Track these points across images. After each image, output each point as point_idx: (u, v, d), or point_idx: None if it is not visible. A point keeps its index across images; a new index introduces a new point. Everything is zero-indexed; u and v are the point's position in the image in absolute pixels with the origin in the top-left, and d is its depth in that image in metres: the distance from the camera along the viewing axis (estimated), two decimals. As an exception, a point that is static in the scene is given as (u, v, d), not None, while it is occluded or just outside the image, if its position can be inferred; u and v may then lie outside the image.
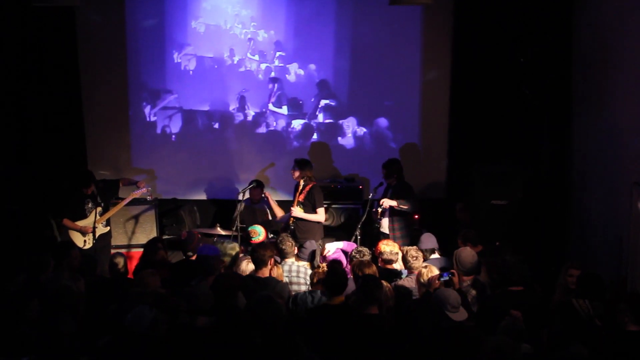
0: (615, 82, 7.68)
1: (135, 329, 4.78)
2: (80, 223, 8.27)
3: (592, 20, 8.39)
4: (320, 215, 8.28)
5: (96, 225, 8.31)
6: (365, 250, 6.74)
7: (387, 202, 8.14)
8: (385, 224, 8.37)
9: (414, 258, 6.49)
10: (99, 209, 8.40)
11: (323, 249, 7.16)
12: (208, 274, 6.09)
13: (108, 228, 8.60)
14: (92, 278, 6.44)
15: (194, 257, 6.89)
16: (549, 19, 8.94)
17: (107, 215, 8.49)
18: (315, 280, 6.15)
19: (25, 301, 5.21)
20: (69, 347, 4.85)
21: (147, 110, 9.98)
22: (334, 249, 7.04)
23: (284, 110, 9.93)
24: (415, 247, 6.78)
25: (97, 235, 8.39)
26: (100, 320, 5.35)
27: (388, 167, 8.39)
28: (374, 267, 6.20)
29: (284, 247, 6.85)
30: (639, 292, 6.48)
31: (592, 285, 5.64)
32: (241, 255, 7.42)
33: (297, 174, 8.28)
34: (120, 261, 6.80)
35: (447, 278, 5.79)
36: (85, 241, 8.30)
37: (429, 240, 7.11)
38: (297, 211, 8.18)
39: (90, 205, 8.37)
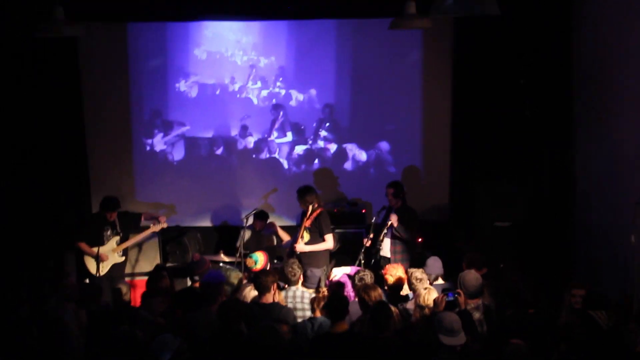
0: (616, 102, 7.70)
1: (159, 356, 4.76)
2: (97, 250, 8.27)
3: (591, 40, 8.43)
4: (328, 243, 8.14)
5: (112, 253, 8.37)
6: (368, 272, 6.72)
7: (393, 218, 8.11)
8: (386, 247, 8.34)
9: (418, 280, 6.49)
10: (117, 237, 8.42)
11: (330, 274, 7.14)
12: (211, 302, 6.04)
13: (124, 258, 8.60)
14: (96, 306, 6.42)
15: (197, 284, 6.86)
16: (548, 40, 8.99)
17: (124, 245, 8.51)
18: (315, 305, 6.11)
19: (28, 331, 5.21)
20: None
21: (149, 137, 10.02)
22: (340, 274, 7.02)
23: (289, 136, 9.96)
24: (421, 269, 6.75)
25: (111, 264, 8.39)
26: (103, 348, 5.32)
27: (395, 186, 8.38)
28: (379, 290, 6.17)
29: (290, 274, 6.80)
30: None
31: (597, 305, 5.62)
32: (245, 282, 7.41)
33: (301, 203, 8.24)
34: (123, 289, 6.80)
35: (452, 298, 5.77)
36: (99, 269, 8.29)
37: (435, 265, 7.06)
38: (302, 247, 8.09)
39: (109, 232, 8.40)
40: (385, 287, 6.80)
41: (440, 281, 6.99)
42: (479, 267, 6.99)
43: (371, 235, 8.21)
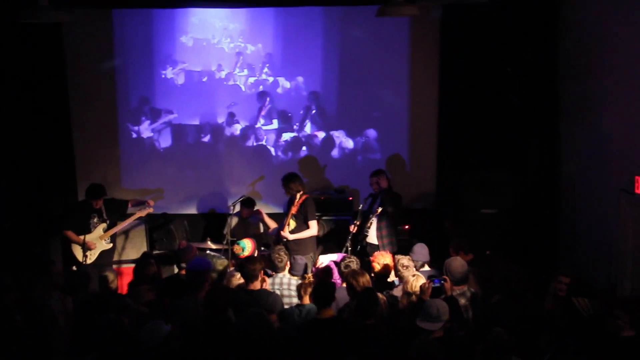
0: (601, 91, 7.74)
1: (149, 342, 4.76)
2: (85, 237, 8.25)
3: (577, 30, 8.46)
4: (312, 229, 8.27)
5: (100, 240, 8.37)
6: (354, 259, 6.74)
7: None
8: (372, 234, 8.37)
9: (405, 267, 6.52)
10: (104, 225, 8.41)
11: (316, 261, 7.16)
12: (197, 289, 6.04)
13: (111, 245, 8.60)
14: (83, 295, 6.39)
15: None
16: (535, 28, 9.02)
17: (111, 232, 8.50)
18: (302, 292, 6.13)
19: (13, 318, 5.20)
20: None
21: (136, 124, 9.97)
22: (327, 261, 7.04)
23: (275, 124, 9.94)
24: (408, 256, 6.78)
25: (99, 252, 8.38)
26: (89, 336, 5.31)
27: (379, 174, 8.42)
28: (367, 276, 6.20)
29: (277, 261, 6.82)
30: (633, 297, 6.52)
31: (582, 292, 5.67)
32: (232, 269, 7.41)
33: (286, 190, 8.28)
34: (110, 276, 6.78)
35: (438, 285, 5.81)
36: (86, 256, 8.28)
37: (421, 252, 7.10)
38: (289, 235, 8.15)
39: (95, 220, 8.40)
40: (372, 274, 6.83)
41: (426, 268, 7.02)
42: (466, 253, 7.04)
43: (358, 222, 8.23)
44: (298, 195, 8.22)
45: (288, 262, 6.90)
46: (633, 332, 5.12)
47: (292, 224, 8.21)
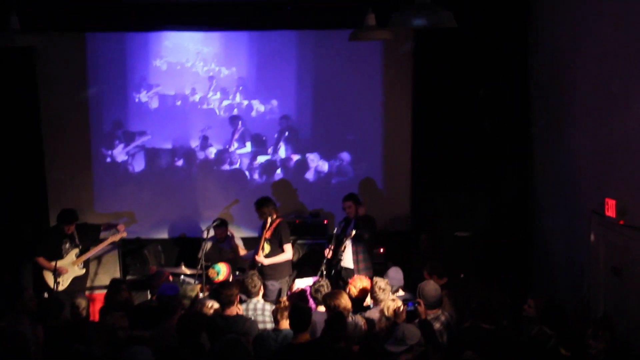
0: (571, 113, 7.83)
1: None
2: (57, 263, 8.13)
3: (547, 53, 8.58)
4: (287, 253, 8.24)
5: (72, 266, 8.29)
6: (325, 282, 6.72)
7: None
8: (347, 258, 8.36)
9: (382, 290, 6.51)
10: (77, 250, 8.31)
11: (292, 285, 7.13)
12: (170, 314, 5.98)
13: (84, 271, 8.50)
14: (55, 322, 6.27)
15: (154, 297, 6.80)
16: (506, 52, 9.13)
17: (83, 257, 8.41)
18: (278, 316, 6.10)
19: None
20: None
21: (109, 148, 9.91)
22: (303, 285, 7.00)
23: (248, 147, 9.94)
24: (385, 279, 6.76)
25: (72, 278, 8.27)
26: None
27: (352, 198, 8.43)
28: (346, 297, 6.19)
29: (251, 286, 6.77)
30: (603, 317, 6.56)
31: (554, 315, 5.70)
32: (206, 293, 7.35)
33: (259, 214, 8.25)
34: (82, 303, 6.68)
35: (412, 308, 5.81)
36: (58, 283, 8.15)
37: (395, 276, 7.10)
38: (263, 259, 8.10)
39: (67, 245, 8.30)
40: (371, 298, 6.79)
41: (400, 292, 7.02)
42: (440, 277, 7.04)
43: (332, 246, 8.22)
44: (270, 220, 8.19)
45: (262, 288, 6.86)
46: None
47: (267, 248, 8.17)
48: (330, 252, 8.20)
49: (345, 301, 6.10)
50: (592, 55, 7.23)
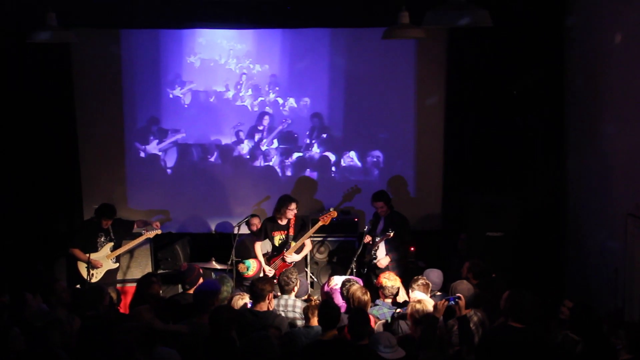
0: (606, 114, 7.74)
1: None
2: (92, 256, 8.25)
3: (582, 52, 8.48)
4: (308, 246, 8.33)
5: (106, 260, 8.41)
6: (354, 281, 6.70)
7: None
8: (381, 256, 8.34)
9: (421, 286, 6.45)
10: (111, 244, 8.43)
11: (329, 281, 7.11)
12: (204, 311, 5.99)
13: (117, 265, 8.61)
14: (94, 313, 6.30)
15: (191, 291, 6.83)
16: (541, 51, 9.04)
17: (117, 252, 8.51)
18: (310, 314, 6.10)
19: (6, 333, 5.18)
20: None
21: (143, 144, 10.02)
22: (340, 282, 6.98)
23: (280, 144, 9.96)
24: (425, 279, 6.69)
25: (105, 271, 8.40)
26: (91, 355, 5.29)
27: (383, 198, 8.41)
28: (368, 296, 6.18)
29: (285, 282, 6.74)
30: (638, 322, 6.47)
31: (584, 317, 5.62)
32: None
33: (287, 214, 8.11)
34: (113, 296, 6.76)
35: (453, 303, 5.79)
36: (92, 275, 8.27)
37: (436, 280, 6.94)
38: (295, 256, 8.10)
39: (102, 239, 8.41)
40: (380, 295, 6.75)
41: (437, 293, 6.96)
42: (475, 276, 6.94)
43: (367, 241, 8.23)
44: (293, 217, 8.15)
45: (296, 287, 6.85)
46: (630, 355, 5.09)
47: (293, 245, 8.17)
48: (370, 239, 8.25)
49: (366, 298, 6.10)
50: (628, 54, 7.13)
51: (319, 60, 9.78)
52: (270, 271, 8.04)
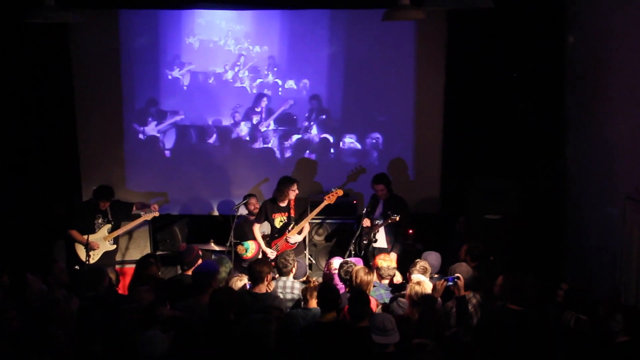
0: (607, 97, 7.71)
1: (147, 354, 4.74)
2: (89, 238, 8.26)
3: (584, 34, 8.44)
4: (307, 227, 8.34)
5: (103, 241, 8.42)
6: (352, 264, 6.70)
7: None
8: (382, 239, 8.36)
9: (422, 270, 6.46)
10: (109, 226, 8.42)
11: (330, 264, 7.12)
12: (202, 292, 6.01)
13: (115, 247, 8.62)
14: (94, 294, 6.32)
15: (189, 272, 6.84)
16: (541, 33, 8.99)
17: (115, 233, 8.52)
18: (308, 295, 6.11)
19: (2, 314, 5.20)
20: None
21: (141, 125, 9.99)
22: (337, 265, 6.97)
23: (279, 126, 9.94)
24: (425, 262, 6.70)
25: (102, 252, 8.41)
26: (90, 335, 5.31)
27: (384, 181, 8.40)
28: (371, 276, 6.19)
29: (282, 265, 6.77)
30: (635, 305, 6.49)
31: (579, 300, 5.65)
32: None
33: (286, 195, 8.16)
34: (111, 277, 6.76)
35: (452, 283, 5.80)
36: (90, 256, 8.28)
37: (435, 264, 6.92)
38: (296, 237, 8.12)
39: (100, 221, 8.42)
40: (377, 275, 6.76)
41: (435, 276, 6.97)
42: (474, 259, 6.95)
43: (365, 224, 8.23)
44: (293, 199, 8.17)
45: (294, 268, 6.87)
46: (627, 337, 5.13)
47: (296, 236, 8.18)
48: (369, 222, 8.26)
49: (369, 277, 6.10)
50: (628, 38, 7.10)
51: (319, 42, 9.74)
52: (272, 253, 8.06)
